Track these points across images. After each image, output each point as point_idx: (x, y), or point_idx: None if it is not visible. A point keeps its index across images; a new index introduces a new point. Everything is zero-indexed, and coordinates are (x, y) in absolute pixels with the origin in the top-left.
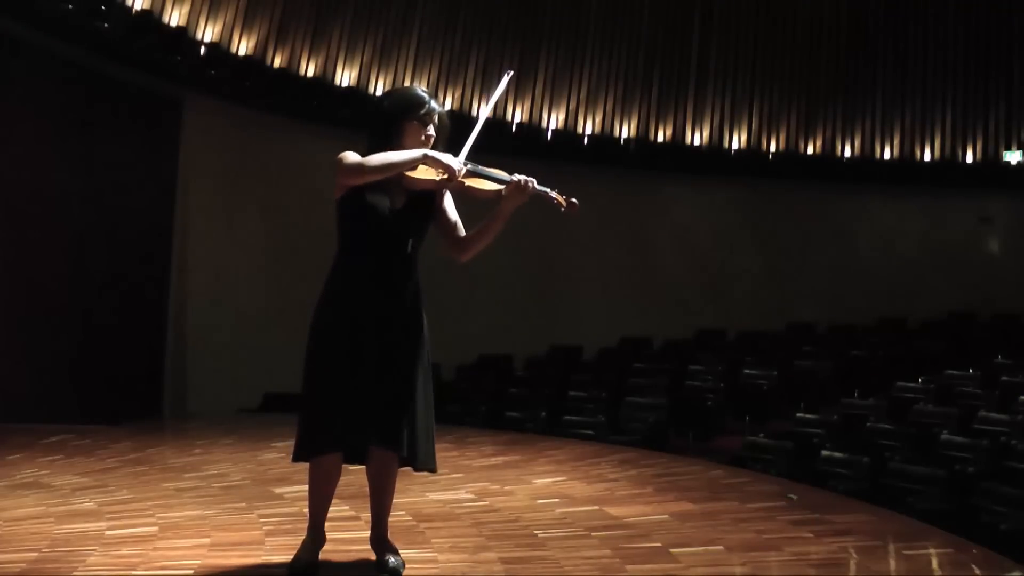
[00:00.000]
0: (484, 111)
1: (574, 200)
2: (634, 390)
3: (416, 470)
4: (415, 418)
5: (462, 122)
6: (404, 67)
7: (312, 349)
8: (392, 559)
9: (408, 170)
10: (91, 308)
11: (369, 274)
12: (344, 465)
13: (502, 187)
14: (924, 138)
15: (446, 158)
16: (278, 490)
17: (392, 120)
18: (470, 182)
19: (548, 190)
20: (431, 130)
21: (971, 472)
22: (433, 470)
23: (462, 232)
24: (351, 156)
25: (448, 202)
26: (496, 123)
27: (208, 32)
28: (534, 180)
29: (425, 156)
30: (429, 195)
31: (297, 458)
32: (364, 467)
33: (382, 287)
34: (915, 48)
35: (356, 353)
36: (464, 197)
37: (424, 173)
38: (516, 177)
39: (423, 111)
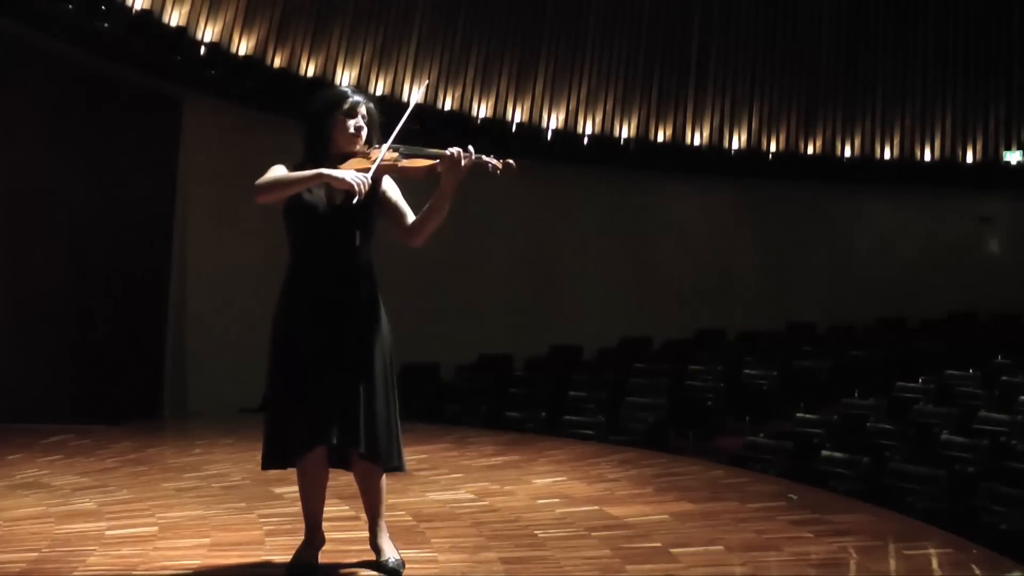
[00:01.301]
0: (406, 114)
1: (510, 161)
2: (634, 390)
3: (384, 470)
4: (375, 415)
5: (460, 121)
6: (404, 67)
7: (273, 356)
8: (391, 559)
9: (308, 187)
10: (91, 308)
11: (321, 275)
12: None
13: (436, 162)
14: (924, 138)
15: (345, 174)
16: (278, 490)
17: (319, 120)
18: (404, 163)
19: (482, 156)
20: (360, 121)
21: (971, 472)
22: (399, 469)
23: (411, 217)
24: (264, 176)
25: (393, 190)
26: (496, 123)
27: (208, 32)
28: (465, 149)
29: (321, 175)
30: (370, 187)
31: (265, 466)
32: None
33: (335, 285)
34: (915, 48)
35: (313, 354)
36: (406, 181)
37: (355, 165)
38: (449, 151)
39: (346, 106)
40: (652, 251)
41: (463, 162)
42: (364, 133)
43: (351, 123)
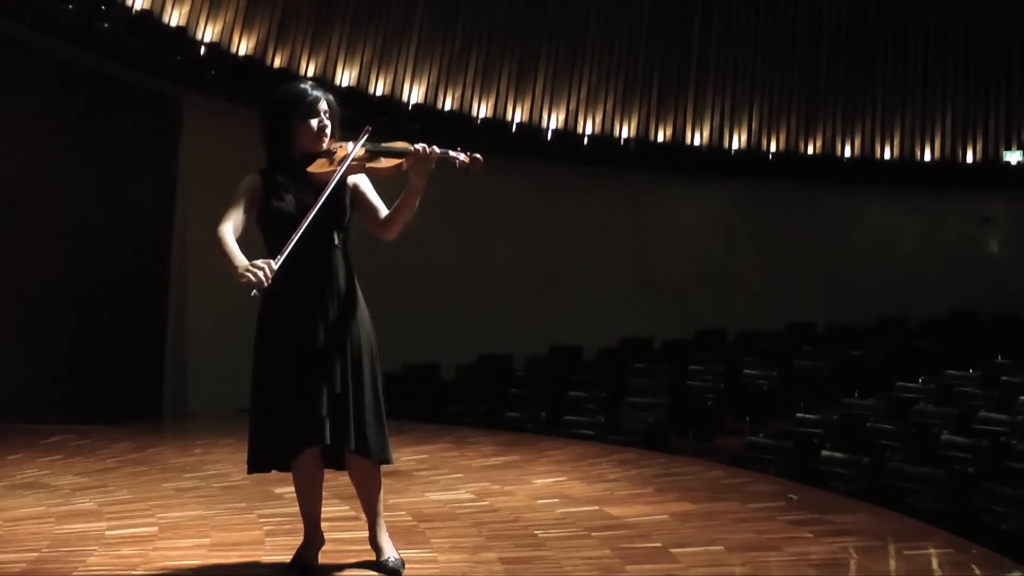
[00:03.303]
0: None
1: (477, 156)
2: (634, 390)
3: (374, 462)
4: (363, 409)
5: (460, 121)
6: (404, 67)
7: (257, 359)
8: (391, 558)
9: (267, 214)
10: (91, 307)
11: (302, 276)
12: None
13: (403, 160)
14: (924, 138)
15: (245, 269)
16: (278, 490)
17: (281, 122)
18: (372, 164)
19: (449, 151)
20: (324, 119)
21: (971, 472)
22: (389, 461)
23: (383, 211)
24: (220, 226)
25: (365, 184)
26: (496, 123)
27: (208, 32)
28: (433, 146)
29: (230, 268)
30: (338, 184)
31: (251, 470)
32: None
33: (317, 284)
34: (915, 48)
35: (301, 356)
36: (375, 180)
37: (322, 167)
38: (415, 147)
39: (306, 105)
40: (652, 251)
41: (429, 157)
42: (329, 131)
43: (314, 123)
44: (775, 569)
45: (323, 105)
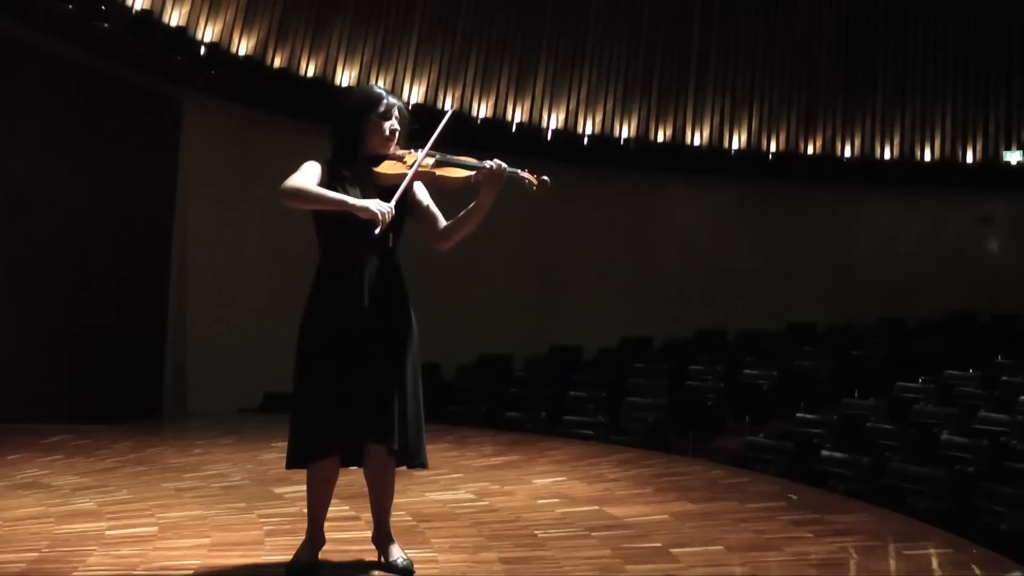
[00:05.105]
0: (447, 114)
1: (545, 178)
2: (634, 390)
3: (408, 467)
4: (405, 413)
5: (461, 122)
6: (404, 67)
7: (301, 352)
8: (400, 559)
9: (329, 210)
10: (91, 308)
11: (352, 272)
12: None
13: (472, 174)
14: (924, 138)
15: (368, 204)
16: (278, 490)
17: (353, 121)
18: (441, 172)
19: (518, 171)
20: (395, 124)
21: (971, 472)
22: (424, 466)
23: (441, 221)
24: (293, 180)
25: (423, 193)
26: (496, 123)
27: (208, 32)
28: (504, 164)
29: (344, 203)
30: (403, 192)
31: (292, 465)
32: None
33: (365, 284)
34: (915, 48)
35: (345, 353)
36: (437, 188)
37: (391, 168)
38: (488, 164)
39: (381, 108)
40: (652, 251)
41: (502, 175)
42: (397, 136)
43: (386, 125)
44: (775, 569)
45: (396, 112)
